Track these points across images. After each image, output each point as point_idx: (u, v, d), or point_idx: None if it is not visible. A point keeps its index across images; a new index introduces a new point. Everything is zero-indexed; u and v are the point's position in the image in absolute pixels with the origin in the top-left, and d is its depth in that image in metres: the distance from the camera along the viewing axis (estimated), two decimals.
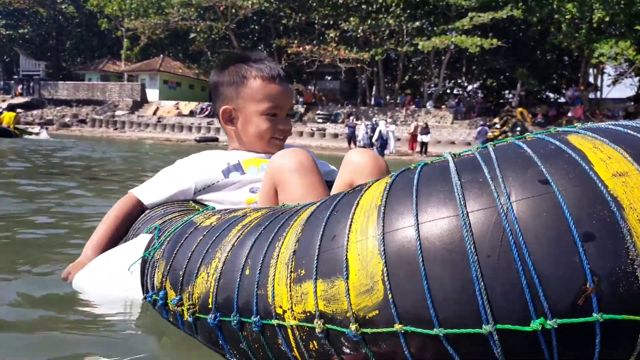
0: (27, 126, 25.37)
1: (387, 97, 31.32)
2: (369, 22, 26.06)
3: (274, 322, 0.77)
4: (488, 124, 22.73)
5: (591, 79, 27.26)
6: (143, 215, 1.50)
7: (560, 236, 0.59)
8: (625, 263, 0.57)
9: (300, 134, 24.43)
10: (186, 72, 34.38)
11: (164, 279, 1.02)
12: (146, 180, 1.61)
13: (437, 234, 0.63)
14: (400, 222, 0.67)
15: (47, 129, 25.11)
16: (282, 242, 0.81)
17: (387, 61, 31.76)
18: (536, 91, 29.97)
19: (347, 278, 0.68)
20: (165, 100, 32.21)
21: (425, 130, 18.78)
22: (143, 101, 32.41)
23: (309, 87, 33.16)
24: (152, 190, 1.54)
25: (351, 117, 23.96)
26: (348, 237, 0.71)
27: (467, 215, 0.62)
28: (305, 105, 28.66)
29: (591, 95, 26.96)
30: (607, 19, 21.61)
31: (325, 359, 0.74)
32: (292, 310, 0.74)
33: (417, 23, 25.45)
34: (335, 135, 23.82)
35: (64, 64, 42.71)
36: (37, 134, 16.27)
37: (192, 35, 30.17)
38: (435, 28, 25.59)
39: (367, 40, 27.28)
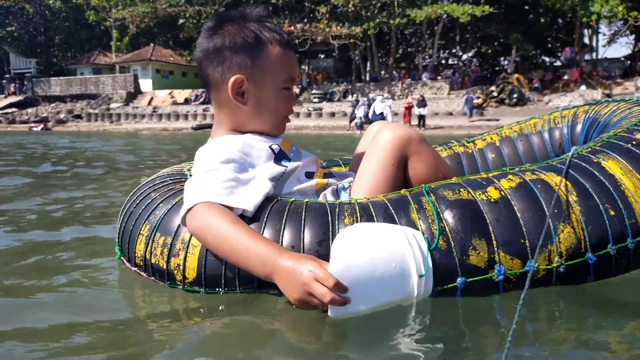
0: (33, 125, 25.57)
1: (382, 72, 31.12)
2: None
3: None
4: (482, 93, 22.69)
5: (586, 40, 27.02)
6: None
7: None
8: None
9: (297, 114, 24.34)
10: (178, 60, 34.13)
11: (492, 255, 1.11)
12: (200, 188, 1.19)
13: None
14: None
15: (45, 125, 25.16)
16: (623, 186, 1.18)
17: (380, 35, 31.45)
18: (531, 56, 29.74)
19: None
20: (159, 90, 32.04)
21: (422, 103, 18.70)
22: (137, 92, 32.24)
23: (303, 66, 32.92)
24: (246, 195, 1.18)
25: (354, 96, 23.88)
26: None
27: None
28: (300, 86, 28.52)
29: (587, 57, 26.76)
30: None
31: None
32: None
33: None
34: (332, 114, 23.73)
35: (55, 60, 42.40)
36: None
37: (180, 21, 29.86)
38: None
39: (359, 15, 27.00)
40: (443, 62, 33.47)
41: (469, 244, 1.10)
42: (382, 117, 17.56)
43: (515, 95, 22.01)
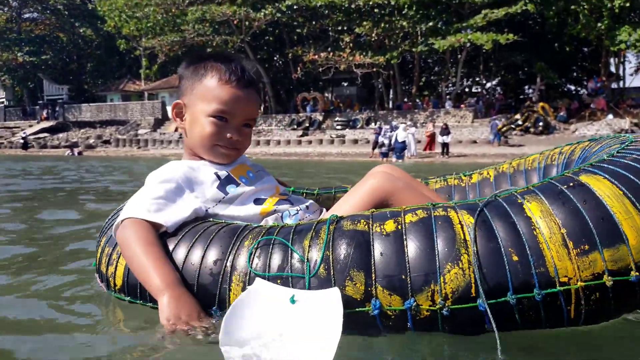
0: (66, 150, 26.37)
1: (405, 100, 31.19)
2: (383, 25, 26.04)
3: (559, 288, 1.02)
4: (506, 121, 22.57)
5: (613, 69, 26.73)
6: (182, 236, 1.28)
7: None
8: None
9: (320, 141, 24.49)
10: None
11: (370, 289, 1.07)
12: (133, 203, 1.34)
13: None
14: None
15: (72, 150, 25.82)
16: (537, 230, 1.05)
17: (403, 63, 31.65)
18: (557, 85, 29.48)
19: (628, 243, 1.02)
20: None
21: (446, 130, 18.64)
22: (164, 118, 32.92)
23: (326, 94, 33.24)
24: (167, 212, 1.32)
25: (376, 123, 24.01)
26: (617, 218, 1.04)
27: None
28: (323, 113, 28.74)
29: (613, 85, 26.42)
30: (627, 5, 21.23)
31: (602, 304, 1.03)
32: (579, 276, 1.02)
33: (431, 23, 25.33)
34: (355, 141, 23.81)
35: (86, 87, 43.69)
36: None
37: (208, 50, 30.55)
38: (449, 27, 25.45)
39: (382, 44, 27.26)
40: (467, 90, 33.40)
41: (347, 275, 1.08)
42: (403, 145, 17.57)
43: (540, 124, 21.79)
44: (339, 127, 26.95)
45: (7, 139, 32.55)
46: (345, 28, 27.98)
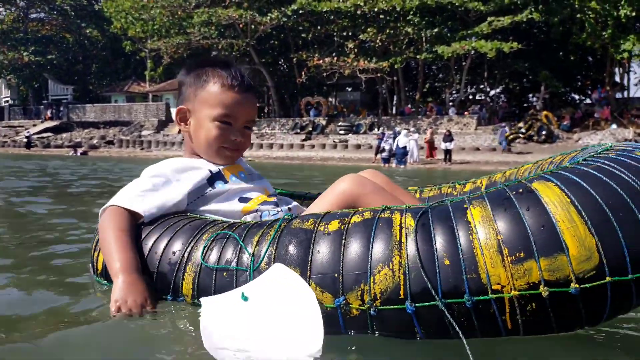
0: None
1: (409, 106, 31.22)
2: (388, 31, 26.09)
3: (491, 296, 0.98)
4: (513, 129, 22.57)
5: (617, 79, 26.71)
6: (154, 227, 1.36)
7: None
8: None
9: (323, 146, 24.50)
10: None
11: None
12: (121, 192, 1.43)
13: None
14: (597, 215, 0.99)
15: (75, 150, 25.89)
16: (473, 235, 1.02)
17: (407, 70, 31.68)
18: (561, 93, 29.47)
19: (568, 253, 0.96)
20: None
21: (449, 137, 18.64)
22: (168, 120, 32.99)
23: (330, 99, 33.28)
24: (147, 202, 1.40)
25: (380, 129, 24.05)
26: (559, 226, 0.98)
27: None
28: (327, 118, 28.78)
29: (618, 95, 26.40)
30: (633, 14, 21.24)
31: (541, 316, 0.99)
32: (512, 285, 0.97)
33: (436, 30, 25.35)
34: (358, 146, 23.81)
35: (91, 87, 43.84)
36: None
37: (213, 53, 30.62)
38: (454, 34, 25.49)
39: (386, 50, 27.30)
40: (470, 97, 33.40)
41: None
42: (404, 150, 17.59)
43: (543, 132, 21.78)
44: (342, 131, 26.97)
45: (11, 137, 32.66)
46: (350, 34, 28.04)
